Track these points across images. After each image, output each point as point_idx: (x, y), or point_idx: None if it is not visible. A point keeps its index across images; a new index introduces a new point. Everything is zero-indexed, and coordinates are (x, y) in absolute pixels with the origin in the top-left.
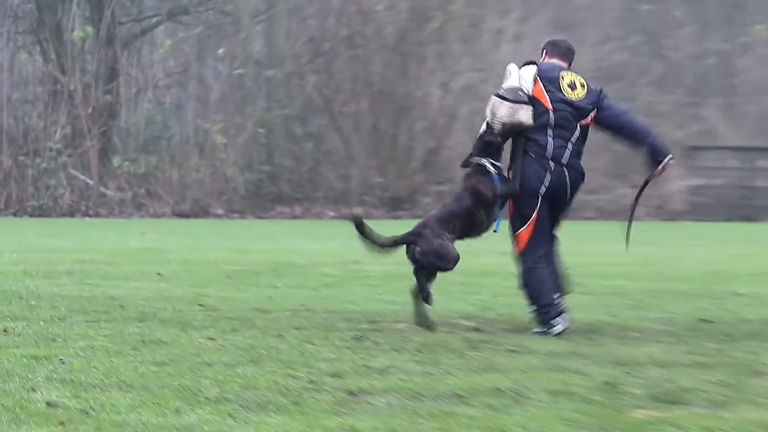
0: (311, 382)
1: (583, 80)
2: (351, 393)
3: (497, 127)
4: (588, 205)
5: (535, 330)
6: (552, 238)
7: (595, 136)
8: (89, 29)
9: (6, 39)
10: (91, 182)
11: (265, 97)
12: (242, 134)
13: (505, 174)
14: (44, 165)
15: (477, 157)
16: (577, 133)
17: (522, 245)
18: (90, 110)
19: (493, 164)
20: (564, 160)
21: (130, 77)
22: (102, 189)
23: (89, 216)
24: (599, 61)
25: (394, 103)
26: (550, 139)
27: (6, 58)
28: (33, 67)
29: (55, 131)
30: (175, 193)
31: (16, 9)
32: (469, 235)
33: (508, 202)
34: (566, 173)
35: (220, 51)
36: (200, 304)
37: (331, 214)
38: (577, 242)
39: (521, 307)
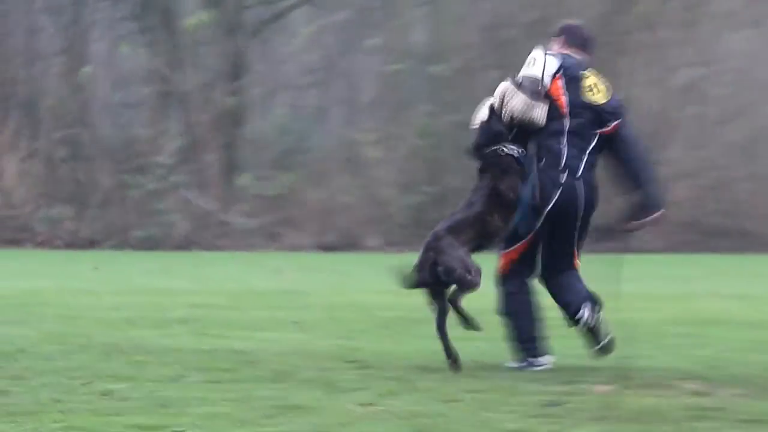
0: None
1: (604, 84)
2: None
3: (505, 117)
4: None
5: (510, 365)
6: (533, 264)
7: None
8: (207, 14)
9: (104, 27)
10: (211, 207)
11: (429, 100)
12: (401, 146)
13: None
14: (152, 185)
15: (493, 148)
16: (594, 142)
17: (506, 267)
18: (209, 116)
19: (513, 148)
20: (579, 173)
21: (259, 75)
22: (225, 215)
23: (209, 249)
24: None
25: None
26: (564, 148)
27: (104, 51)
28: (137, 62)
29: (166, 143)
30: (317, 220)
31: None
32: (484, 245)
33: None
34: (580, 188)
35: (372, 42)
36: (349, 361)
37: None
38: None
39: (761, 366)
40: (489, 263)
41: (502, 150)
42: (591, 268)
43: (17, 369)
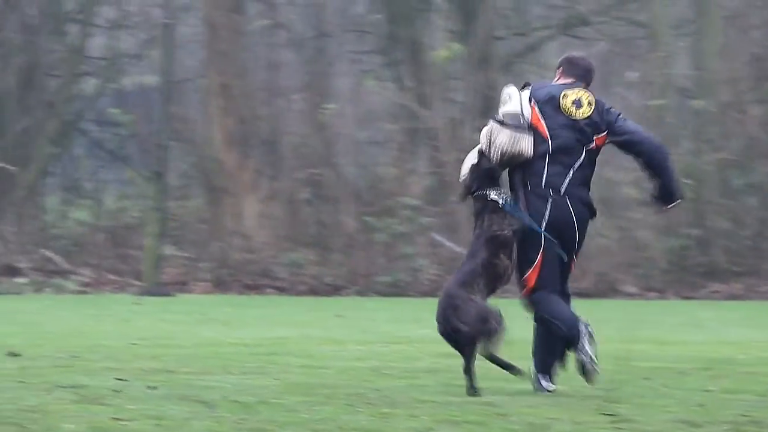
0: None
1: (591, 97)
2: None
3: (495, 156)
4: None
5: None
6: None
7: None
8: (457, 46)
9: (348, 61)
10: (459, 250)
11: (692, 137)
12: None
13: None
14: (399, 228)
15: (482, 191)
16: (581, 158)
17: (529, 288)
18: (458, 154)
19: (499, 194)
20: (562, 189)
21: None
22: None
23: None
24: None
25: None
26: (546, 167)
27: (348, 85)
28: (383, 97)
29: (413, 183)
30: None
31: (361, 21)
32: (497, 286)
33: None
34: (569, 204)
35: (631, 75)
36: (606, 414)
37: None
38: None
39: None
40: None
41: (488, 195)
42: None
43: (259, 421)
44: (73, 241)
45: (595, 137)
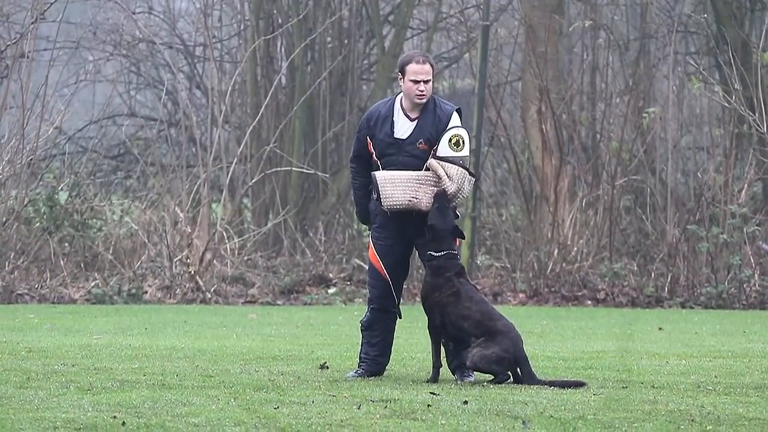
0: None
1: None
2: None
3: (457, 201)
4: None
5: None
6: None
7: None
8: None
9: (672, 62)
10: None
11: None
12: None
13: None
14: (724, 237)
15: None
16: None
17: None
18: None
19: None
20: None
21: None
22: None
23: None
24: None
25: None
26: None
27: (672, 88)
28: (709, 100)
29: (740, 190)
30: None
31: (686, 21)
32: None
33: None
34: None
35: None
36: None
37: None
38: None
39: None
40: None
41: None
42: None
43: None
44: None
45: None
